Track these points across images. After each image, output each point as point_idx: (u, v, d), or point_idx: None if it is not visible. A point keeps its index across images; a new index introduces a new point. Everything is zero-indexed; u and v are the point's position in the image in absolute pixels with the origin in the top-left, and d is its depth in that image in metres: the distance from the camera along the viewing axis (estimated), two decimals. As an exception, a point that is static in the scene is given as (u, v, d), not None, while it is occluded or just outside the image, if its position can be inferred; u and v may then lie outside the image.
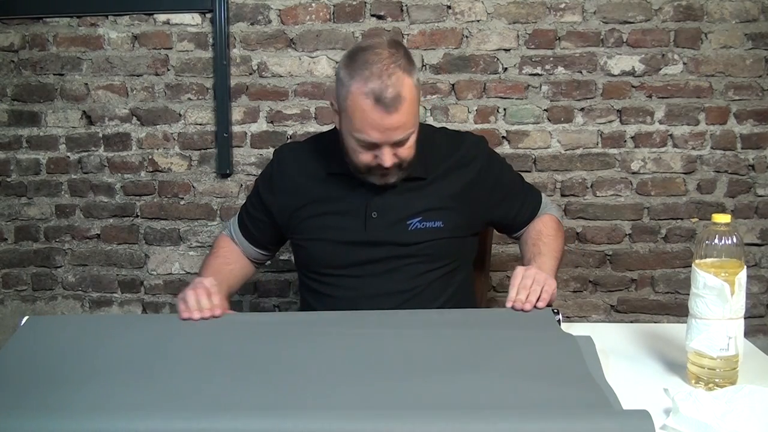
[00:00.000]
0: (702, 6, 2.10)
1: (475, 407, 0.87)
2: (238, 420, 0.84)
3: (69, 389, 0.95)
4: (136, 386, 0.97)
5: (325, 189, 1.42)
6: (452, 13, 2.15)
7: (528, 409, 0.86)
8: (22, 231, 2.30)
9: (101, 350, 1.08)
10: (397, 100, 1.23)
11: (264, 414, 0.85)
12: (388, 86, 1.22)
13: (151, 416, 0.85)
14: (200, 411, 0.88)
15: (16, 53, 2.23)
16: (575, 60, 2.14)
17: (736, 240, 0.96)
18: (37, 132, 2.26)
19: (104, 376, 1.00)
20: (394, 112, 1.23)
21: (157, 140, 2.24)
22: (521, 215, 1.51)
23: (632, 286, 2.23)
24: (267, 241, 1.54)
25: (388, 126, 1.24)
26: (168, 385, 0.97)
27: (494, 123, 2.17)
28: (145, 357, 1.06)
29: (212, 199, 2.25)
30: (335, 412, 0.86)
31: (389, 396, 0.92)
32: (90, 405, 0.91)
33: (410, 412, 0.86)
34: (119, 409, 0.89)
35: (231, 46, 2.18)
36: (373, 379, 0.96)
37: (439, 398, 0.90)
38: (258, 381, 0.97)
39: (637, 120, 2.16)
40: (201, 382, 0.98)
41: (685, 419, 0.84)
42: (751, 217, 2.19)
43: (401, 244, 1.37)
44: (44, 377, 0.99)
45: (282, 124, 2.21)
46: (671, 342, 1.13)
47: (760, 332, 2.21)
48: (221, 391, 0.95)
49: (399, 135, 1.26)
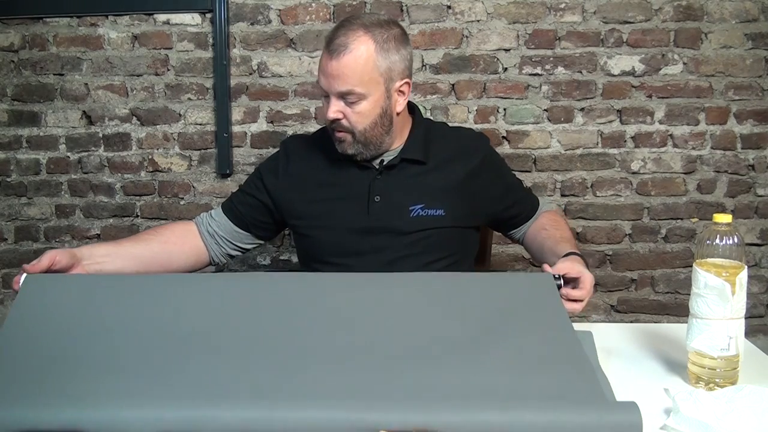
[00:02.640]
0: (702, 6, 2.11)
1: (464, 393, 0.86)
2: (226, 410, 0.84)
3: (76, 365, 0.97)
4: (136, 363, 0.97)
5: (329, 174, 1.44)
6: (452, 13, 2.15)
7: (517, 399, 0.84)
8: (22, 231, 2.30)
9: (103, 315, 1.07)
10: (342, 47, 1.29)
11: (244, 404, 0.85)
12: (339, 35, 1.31)
13: (138, 405, 0.86)
14: (184, 397, 0.89)
15: (16, 53, 2.23)
16: (575, 60, 2.14)
17: (737, 240, 0.96)
18: (37, 132, 2.26)
19: (105, 347, 1.00)
20: (335, 57, 1.29)
21: (157, 140, 2.24)
22: (521, 214, 1.51)
23: (632, 286, 2.23)
24: (252, 222, 1.49)
25: (329, 71, 1.30)
26: (154, 360, 0.97)
27: (494, 123, 2.18)
28: (139, 325, 1.04)
29: (212, 199, 2.25)
30: (320, 401, 0.85)
31: (376, 381, 0.90)
32: (92, 391, 0.92)
33: (398, 402, 0.85)
34: (123, 398, 0.90)
35: (231, 46, 2.18)
36: (360, 362, 0.95)
37: (429, 383, 0.89)
38: (238, 359, 0.96)
39: (637, 120, 2.16)
40: (182, 360, 0.97)
41: (686, 419, 0.84)
42: (751, 217, 2.19)
43: (402, 233, 1.37)
44: (51, 349, 1.00)
45: (282, 124, 2.21)
46: (671, 342, 1.13)
47: (760, 332, 2.22)
48: (206, 373, 0.94)
49: (339, 85, 1.30)
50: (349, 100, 1.32)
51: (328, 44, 1.31)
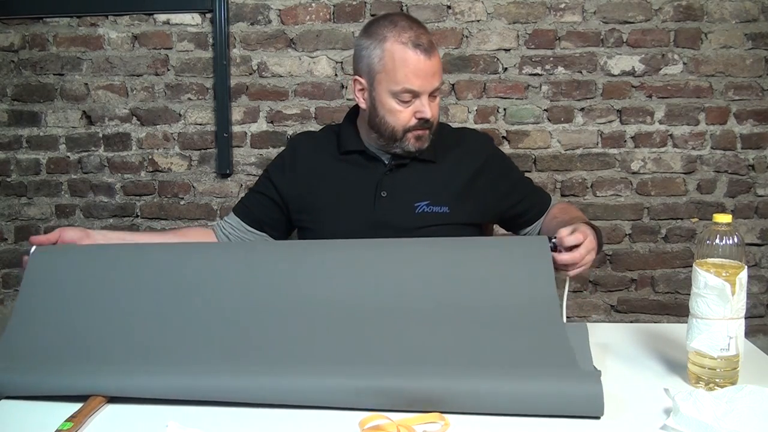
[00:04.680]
0: (702, 6, 2.11)
1: (444, 357, 0.95)
2: (235, 374, 0.92)
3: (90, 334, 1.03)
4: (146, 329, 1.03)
5: (337, 169, 1.44)
6: (452, 13, 2.15)
7: (491, 364, 0.93)
8: (22, 231, 2.30)
9: (113, 283, 1.10)
10: (432, 45, 1.32)
11: (253, 368, 0.93)
12: (421, 34, 1.32)
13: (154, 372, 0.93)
14: (196, 363, 0.96)
15: (16, 53, 2.23)
16: (575, 60, 2.14)
17: (737, 240, 0.96)
18: (37, 132, 2.26)
19: (114, 318, 1.05)
20: (432, 56, 1.31)
21: (157, 140, 2.24)
22: (531, 210, 1.50)
23: (632, 286, 2.23)
24: (264, 220, 1.49)
25: (428, 70, 1.31)
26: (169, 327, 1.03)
27: (494, 123, 2.18)
28: (150, 293, 1.08)
29: (212, 199, 2.25)
30: (317, 367, 0.93)
31: (371, 345, 0.98)
32: (105, 357, 0.99)
33: (382, 366, 0.93)
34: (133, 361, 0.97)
35: (231, 46, 2.18)
36: (357, 327, 1.01)
37: (416, 347, 0.97)
38: (247, 325, 1.02)
39: (637, 120, 2.16)
40: (198, 324, 1.03)
41: (686, 419, 0.84)
42: (751, 217, 2.19)
43: (407, 229, 1.38)
44: (62, 320, 1.06)
45: (282, 124, 2.21)
46: (671, 342, 1.13)
47: (760, 332, 2.22)
48: (216, 338, 1.01)
49: (436, 82, 1.33)
50: (434, 94, 1.35)
51: (416, 45, 1.30)
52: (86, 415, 0.87)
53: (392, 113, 1.35)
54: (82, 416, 0.86)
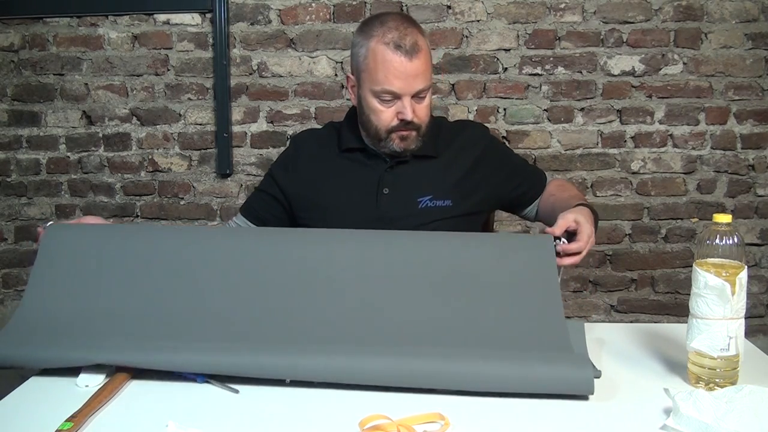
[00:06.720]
0: (702, 6, 2.11)
1: (446, 344, 0.99)
2: (245, 352, 0.96)
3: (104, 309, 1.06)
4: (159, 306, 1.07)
5: (339, 166, 1.45)
6: (452, 13, 2.15)
7: (492, 349, 0.97)
8: (22, 231, 2.30)
9: (126, 261, 1.13)
10: (416, 47, 1.30)
11: (259, 346, 0.97)
12: (406, 35, 1.30)
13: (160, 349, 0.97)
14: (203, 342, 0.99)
15: (16, 53, 2.23)
16: (575, 60, 2.14)
17: (737, 240, 0.96)
18: (37, 132, 2.26)
19: (125, 295, 1.08)
20: (414, 57, 1.29)
21: (157, 140, 2.24)
22: (530, 190, 1.51)
23: (632, 286, 2.23)
24: (269, 219, 1.51)
25: (409, 72, 1.29)
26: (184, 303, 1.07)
27: (494, 123, 2.18)
28: (162, 271, 1.11)
29: (212, 199, 2.25)
30: (316, 346, 0.98)
31: (374, 325, 1.03)
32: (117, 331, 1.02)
33: (383, 346, 0.98)
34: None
35: (231, 46, 2.18)
36: (362, 309, 1.06)
37: (417, 327, 1.02)
38: (257, 304, 1.07)
39: (637, 120, 2.16)
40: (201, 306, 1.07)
41: (686, 419, 0.84)
42: (751, 217, 2.19)
43: (411, 224, 1.38)
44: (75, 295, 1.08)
45: (282, 124, 2.21)
46: (671, 342, 1.13)
47: (760, 332, 2.22)
48: (226, 316, 1.05)
49: (419, 84, 1.31)
50: (420, 95, 1.34)
51: (397, 47, 1.29)
52: (86, 415, 0.87)
53: (375, 113, 1.35)
54: (82, 416, 0.86)
